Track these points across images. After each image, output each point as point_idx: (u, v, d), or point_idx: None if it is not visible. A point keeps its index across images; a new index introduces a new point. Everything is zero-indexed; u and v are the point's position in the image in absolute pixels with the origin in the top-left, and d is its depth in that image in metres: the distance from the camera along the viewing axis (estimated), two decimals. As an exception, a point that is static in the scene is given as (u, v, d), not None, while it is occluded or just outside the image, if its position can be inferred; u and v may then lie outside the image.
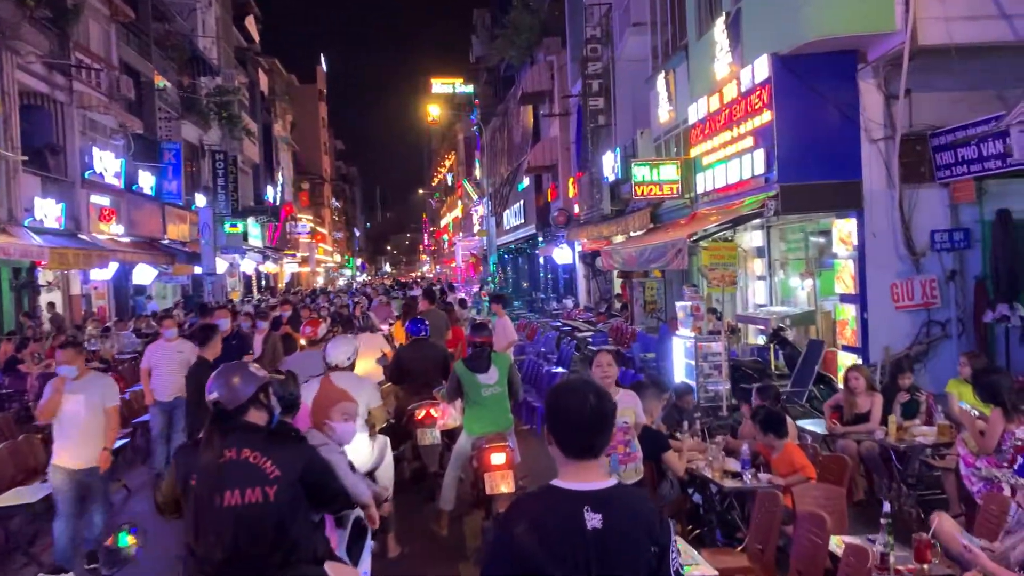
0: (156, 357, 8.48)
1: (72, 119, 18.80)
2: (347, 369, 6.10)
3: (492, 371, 6.47)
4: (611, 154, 16.98)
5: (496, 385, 6.47)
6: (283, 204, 48.80)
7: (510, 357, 7.01)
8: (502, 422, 6.50)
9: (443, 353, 8.47)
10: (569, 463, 2.21)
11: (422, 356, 8.13)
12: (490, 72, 42.45)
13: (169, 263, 24.32)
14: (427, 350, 8.27)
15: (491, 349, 6.72)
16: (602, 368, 5.21)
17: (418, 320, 8.58)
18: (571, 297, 26.48)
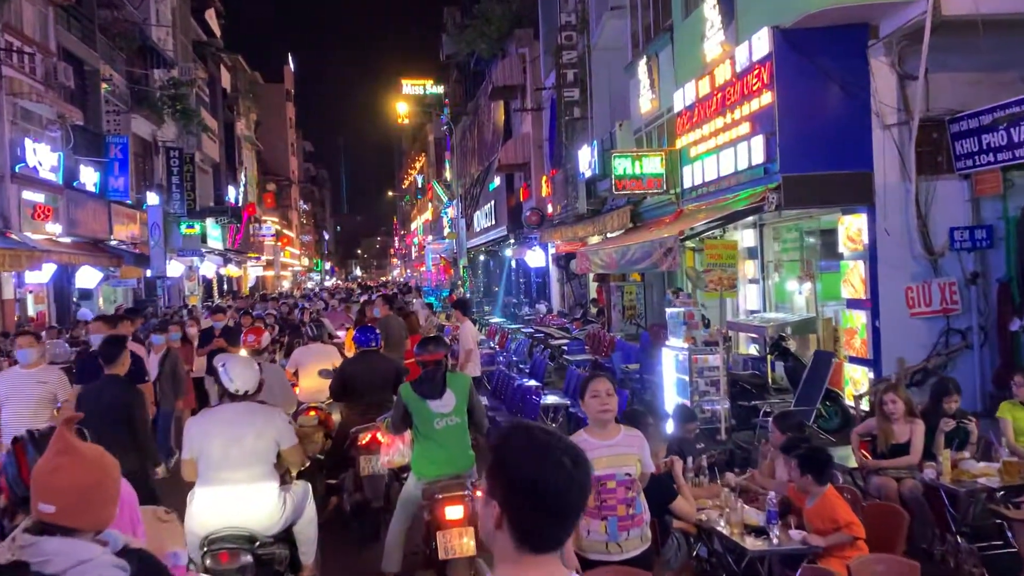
0: (3, 390, 6.24)
1: (1, 107, 17.17)
2: (253, 397, 4.84)
3: (447, 396, 5.19)
4: (587, 148, 15.82)
5: (453, 414, 5.18)
6: (246, 205, 47.06)
7: (469, 379, 5.66)
8: (460, 462, 5.21)
9: (395, 368, 7.24)
10: (523, 558, 1.58)
11: (370, 370, 6.95)
12: (460, 69, 41.19)
13: (116, 265, 22.69)
14: (376, 363, 7.07)
15: (446, 368, 5.43)
16: (600, 399, 3.95)
17: (367, 328, 7.33)
18: (544, 302, 25.30)
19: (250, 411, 4.68)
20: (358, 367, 7.07)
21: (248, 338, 7.27)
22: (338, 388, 7.08)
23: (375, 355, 7.23)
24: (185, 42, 34.81)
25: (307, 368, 8.31)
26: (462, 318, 9.71)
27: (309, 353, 8.53)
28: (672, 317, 8.42)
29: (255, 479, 4.51)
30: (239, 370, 4.78)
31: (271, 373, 6.70)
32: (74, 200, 20.32)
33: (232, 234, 41.82)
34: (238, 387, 4.72)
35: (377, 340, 7.28)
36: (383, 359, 7.32)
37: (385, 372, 7.05)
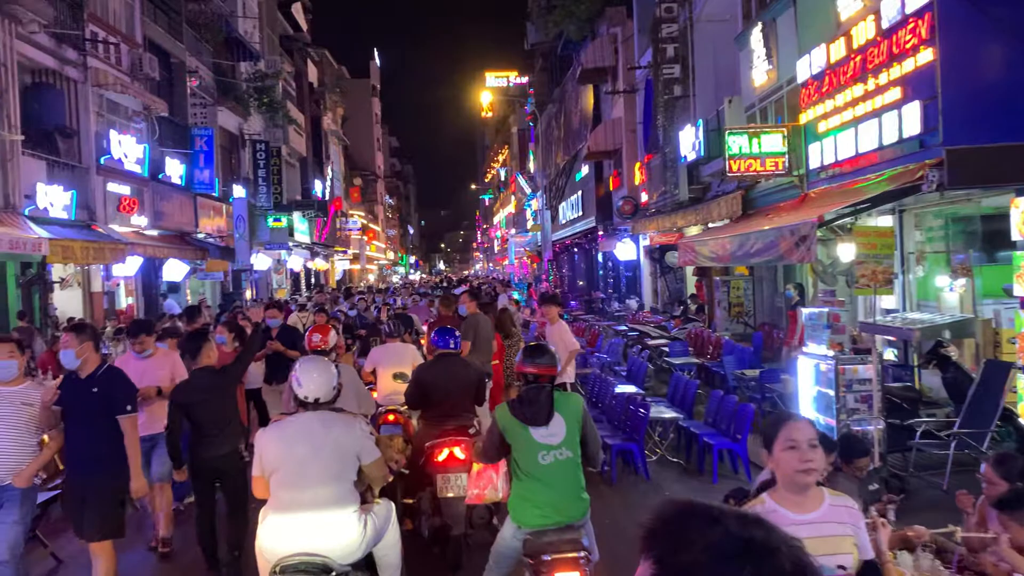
0: None
1: (87, 99, 17.03)
2: (328, 405, 4.10)
3: (556, 424, 4.06)
4: (690, 129, 14.40)
5: (563, 446, 4.04)
6: (332, 199, 47.23)
7: (582, 401, 4.40)
8: (572, 508, 4.05)
9: (477, 375, 6.28)
10: None
11: (448, 377, 6.04)
12: (545, 57, 40.02)
13: (201, 258, 22.56)
14: (456, 370, 6.14)
15: (552, 386, 4.27)
16: (800, 452, 2.63)
17: (446, 330, 6.32)
18: (635, 297, 23.88)
19: (326, 421, 4.03)
20: (435, 373, 6.13)
21: (313, 338, 6.36)
22: (413, 396, 6.18)
23: (455, 360, 6.25)
24: (272, 36, 34.82)
25: (384, 369, 7.47)
26: (553, 314, 8.55)
27: (386, 353, 7.69)
28: (811, 319, 7.04)
29: (333, 499, 3.92)
30: (310, 374, 4.08)
31: (346, 376, 5.78)
32: (159, 192, 20.20)
33: (319, 228, 41.92)
34: (307, 394, 4.03)
35: (457, 343, 6.30)
36: (463, 365, 6.33)
37: (465, 380, 6.11)
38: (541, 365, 4.21)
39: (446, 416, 5.97)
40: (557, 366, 4.37)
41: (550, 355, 4.34)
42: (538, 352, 4.34)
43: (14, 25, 14.18)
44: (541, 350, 4.38)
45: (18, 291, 15.76)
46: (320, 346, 6.29)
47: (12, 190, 14.00)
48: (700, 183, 15.32)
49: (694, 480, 7.89)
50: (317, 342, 6.32)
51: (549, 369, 4.24)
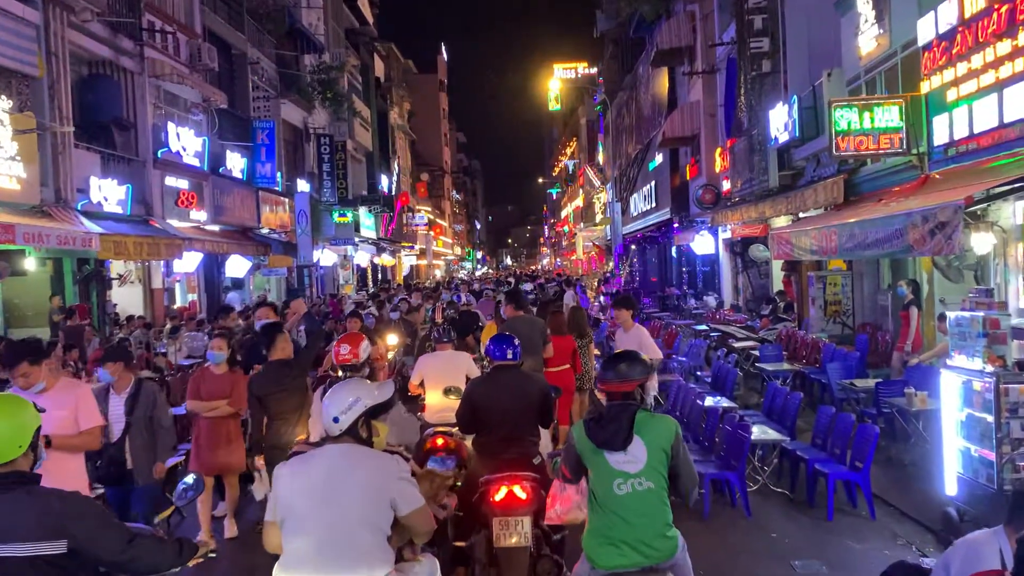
0: None
1: (144, 90, 16.58)
2: (350, 437, 3.22)
3: (636, 448, 3.47)
4: (781, 108, 12.91)
5: (643, 475, 3.46)
6: (399, 194, 46.82)
7: (674, 425, 3.60)
8: (655, 547, 3.45)
9: (541, 392, 5.13)
10: None
11: (507, 394, 4.99)
12: (616, 44, 38.55)
13: (263, 254, 22.11)
14: (516, 385, 5.04)
15: (638, 405, 3.57)
16: None
17: (503, 338, 5.21)
18: (713, 294, 22.35)
19: (351, 456, 3.17)
20: (490, 390, 5.06)
21: (340, 350, 5.17)
22: (465, 418, 5.13)
23: (515, 374, 5.15)
24: (337, 28, 34.38)
25: (434, 380, 6.43)
26: (625, 319, 7.36)
27: (436, 362, 6.64)
28: (960, 324, 5.66)
29: (354, 558, 3.06)
30: (335, 395, 3.22)
31: None
32: (220, 187, 19.73)
33: (385, 223, 41.49)
34: (328, 421, 3.19)
35: (517, 353, 5.16)
36: (526, 379, 5.21)
37: (528, 398, 5.01)
38: (620, 378, 3.58)
39: (505, 443, 4.90)
40: (640, 378, 3.63)
41: (641, 364, 3.65)
42: (622, 361, 3.66)
43: (67, 14, 13.72)
44: (629, 360, 3.67)
45: (75, 288, 15.42)
46: (349, 359, 5.15)
47: (64, 184, 13.55)
48: (792, 168, 13.81)
49: (804, 515, 6.59)
50: (345, 355, 5.15)
51: (626, 383, 3.59)
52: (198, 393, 6.36)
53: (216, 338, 6.69)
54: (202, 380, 6.43)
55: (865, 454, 6.34)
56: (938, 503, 6.08)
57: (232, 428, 6.37)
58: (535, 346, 7.72)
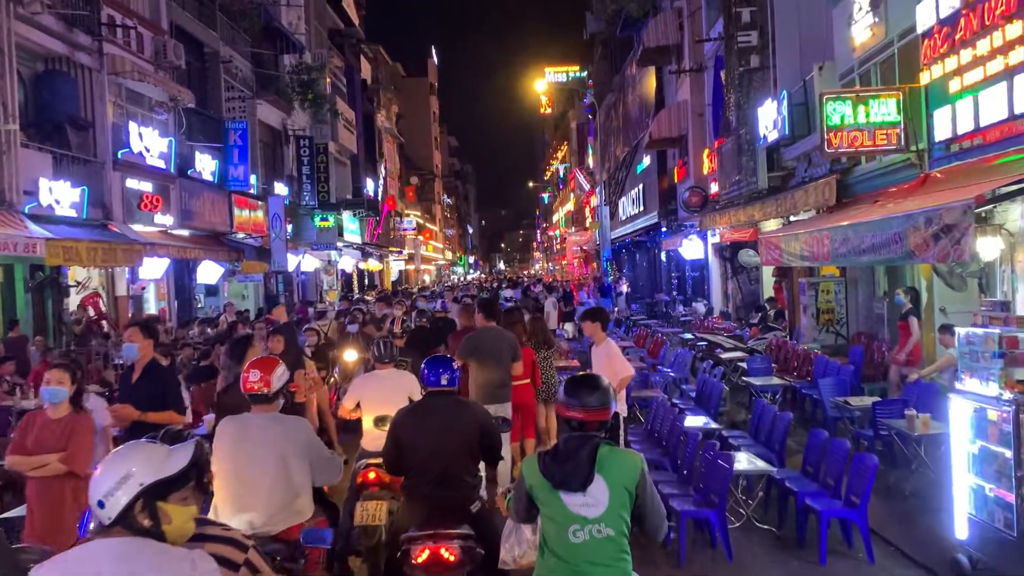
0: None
1: (103, 88, 15.75)
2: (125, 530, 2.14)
3: (596, 489, 3.01)
4: (770, 105, 12.19)
5: (602, 521, 3.00)
6: (385, 198, 46.01)
7: (639, 462, 3.10)
8: None
9: (479, 424, 4.34)
10: None
11: (440, 428, 4.23)
12: (604, 45, 37.96)
13: (236, 260, 21.27)
14: (450, 415, 4.27)
15: (601, 438, 3.10)
16: None
17: (439, 360, 4.43)
18: (702, 300, 21.64)
19: (129, 560, 2.09)
20: (420, 423, 4.27)
21: (249, 377, 4.15)
22: (391, 457, 4.34)
23: (450, 402, 4.37)
24: (320, 29, 33.60)
25: (371, 405, 5.58)
26: (594, 331, 6.60)
27: (375, 382, 5.78)
28: (971, 342, 4.88)
29: None
30: (101, 469, 2.25)
31: (293, 434, 4.03)
32: (188, 189, 18.88)
33: (371, 228, 40.68)
34: (92, 504, 2.16)
35: (455, 377, 4.39)
36: (462, 409, 4.42)
37: (464, 431, 4.25)
38: (589, 408, 3.07)
39: (437, 486, 4.13)
40: (611, 406, 3.14)
41: (602, 392, 3.13)
42: (585, 387, 3.14)
43: (13, 5, 12.90)
44: (590, 384, 3.17)
45: (27, 296, 14.59)
46: (258, 388, 4.13)
47: (9, 186, 12.70)
48: (782, 168, 13.10)
49: (793, 558, 5.81)
50: (254, 382, 4.14)
51: (599, 413, 3.09)
52: (23, 444, 4.73)
53: (55, 368, 4.87)
54: (30, 426, 4.78)
55: (862, 488, 5.58)
56: (945, 545, 5.32)
57: (68, 494, 4.62)
58: (501, 360, 7.09)
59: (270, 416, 4.05)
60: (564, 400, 3.12)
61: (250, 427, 4.00)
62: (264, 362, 4.33)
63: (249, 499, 3.86)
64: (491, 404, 6.91)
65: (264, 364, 4.28)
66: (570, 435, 3.08)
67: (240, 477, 3.89)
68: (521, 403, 7.80)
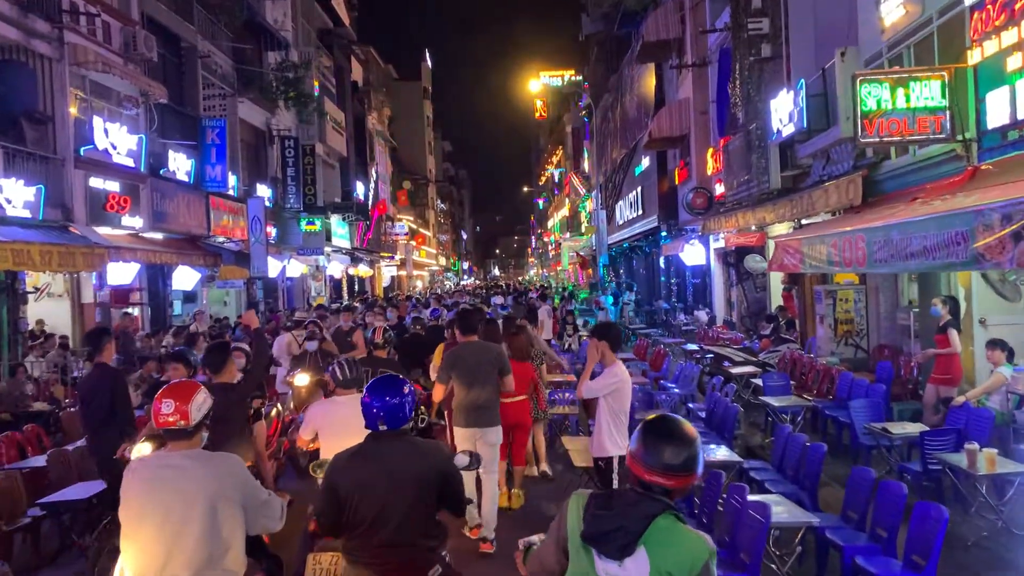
0: None
1: (63, 79, 14.64)
2: None
3: (636, 563, 2.30)
4: (786, 96, 11.15)
5: None
6: (376, 203, 44.93)
7: (706, 550, 2.32)
8: None
9: (439, 467, 3.48)
10: None
11: (387, 477, 3.34)
12: (601, 46, 37.00)
13: (213, 265, 20.15)
14: (401, 460, 3.40)
15: (665, 506, 2.36)
16: None
17: (382, 386, 3.44)
18: (705, 309, 20.59)
19: None
20: (363, 471, 3.36)
21: (160, 409, 3.28)
22: (328, 513, 3.41)
23: (400, 445, 3.41)
24: (308, 27, 32.55)
25: (331, 436, 4.65)
26: (610, 355, 5.53)
27: (335, 409, 4.82)
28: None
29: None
30: None
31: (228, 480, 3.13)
32: (161, 190, 17.75)
33: (361, 232, 39.59)
34: None
35: (399, 416, 3.41)
36: (416, 453, 3.44)
37: (419, 480, 3.36)
38: (675, 472, 2.36)
39: (387, 548, 3.24)
40: (697, 470, 2.42)
41: (692, 447, 2.40)
42: (670, 442, 2.39)
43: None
44: (675, 436, 2.40)
45: (-22, 303, 13.48)
46: (175, 422, 3.30)
47: (-50, 183, 11.61)
48: (796, 167, 12.07)
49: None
50: (168, 415, 3.29)
51: (687, 478, 2.39)
52: None
53: None
54: None
55: (929, 546, 4.50)
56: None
57: None
58: (484, 379, 6.29)
59: (191, 455, 3.31)
60: (642, 456, 2.39)
61: (166, 470, 3.26)
62: (179, 389, 3.42)
63: (166, 559, 3.15)
64: (475, 427, 6.24)
65: (179, 391, 3.38)
66: (633, 488, 2.44)
67: (155, 532, 3.16)
68: (513, 423, 6.98)
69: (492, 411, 6.33)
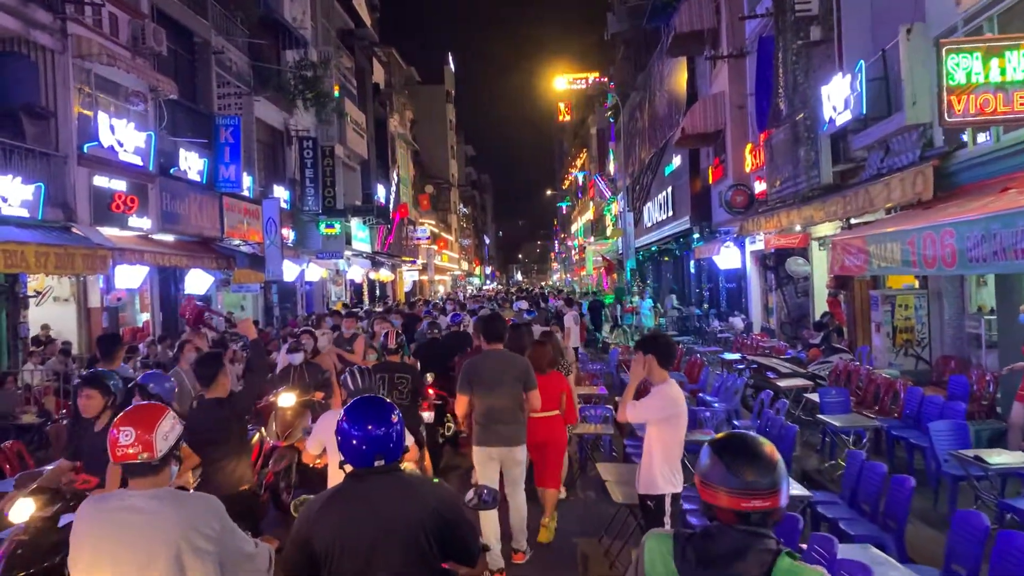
0: None
1: (66, 72, 13.95)
2: None
3: None
4: (841, 80, 10.09)
5: None
6: (397, 206, 44.23)
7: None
8: None
9: (437, 511, 2.74)
10: None
11: (370, 527, 2.67)
12: (628, 44, 36.04)
13: (226, 268, 19.42)
14: (385, 507, 2.70)
15: (777, 549, 1.91)
16: None
17: (366, 411, 2.80)
18: (740, 315, 19.50)
19: None
20: (342, 518, 2.72)
21: (120, 438, 2.62)
22: (296, 568, 2.75)
23: (389, 482, 2.76)
24: (328, 27, 31.88)
25: (338, 454, 3.80)
26: (660, 371, 4.56)
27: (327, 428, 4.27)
28: None
29: None
30: None
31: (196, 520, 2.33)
32: (171, 190, 17.05)
33: (382, 236, 38.88)
34: None
35: (395, 449, 2.77)
36: (409, 491, 2.77)
37: (412, 527, 2.70)
38: (770, 492, 1.97)
39: None
40: (783, 487, 1.99)
41: (778, 468, 1.99)
42: (751, 460, 1.99)
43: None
44: (762, 455, 2.00)
45: (-26, 307, 12.81)
46: (136, 455, 2.64)
47: (-62, 179, 10.91)
48: (849, 160, 11.02)
49: None
50: (127, 446, 2.64)
51: (778, 499, 1.97)
52: None
53: None
54: None
55: None
56: None
57: None
58: (507, 392, 5.66)
59: (158, 495, 2.68)
60: (728, 481, 1.98)
61: (125, 514, 2.63)
62: (140, 413, 2.76)
63: None
64: (498, 447, 5.65)
65: (140, 416, 2.73)
66: (728, 527, 2.01)
67: None
68: (543, 441, 6.20)
69: (517, 428, 5.69)
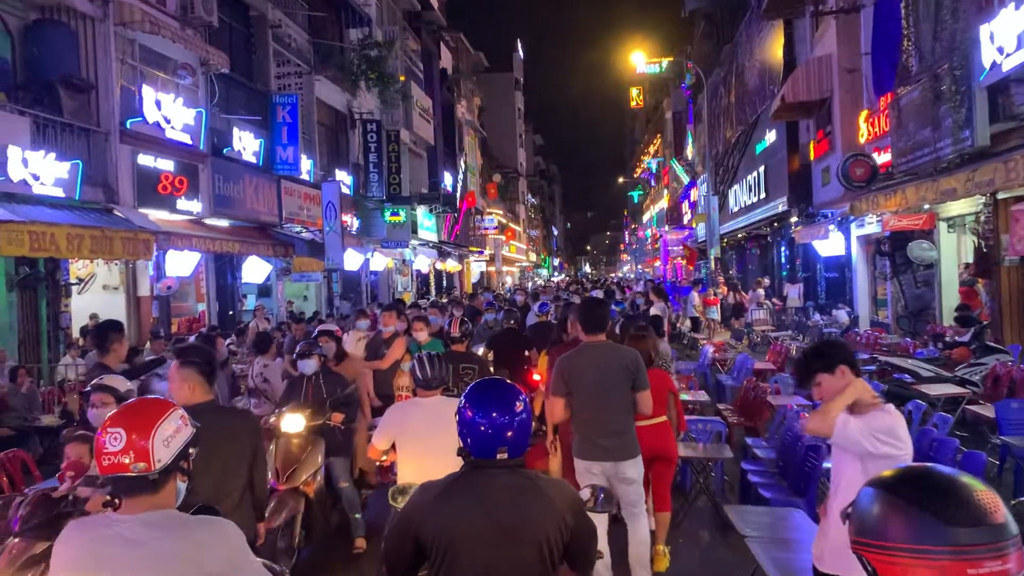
0: None
1: (107, 41, 12.94)
2: None
3: None
4: (1010, 14, 8.04)
5: None
6: (465, 194, 42.99)
7: None
8: None
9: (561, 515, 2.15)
10: None
11: (493, 530, 2.20)
12: (708, 19, 33.80)
13: (283, 255, 18.36)
14: (508, 509, 2.21)
15: None
16: None
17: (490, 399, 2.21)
18: (844, 307, 17.34)
19: None
20: (460, 519, 2.19)
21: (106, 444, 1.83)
22: (400, 570, 2.33)
23: (511, 480, 2.21)
24: (394, 7, 30.71)
25: (412, 447, 3.73)
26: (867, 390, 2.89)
27: (420, 414, 3.82)
28: None
29: None
30: None
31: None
32: (223, 171, 15.98)
33: (448, 225, 37.69)
34: None
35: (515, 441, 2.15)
36: (533, 492, 2.16)
37: (538, 532, 2.18)
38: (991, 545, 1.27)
39: None
40: None
41: (990, 505, 1.28)
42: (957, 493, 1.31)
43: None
44: (985, 496, 1.30)
45: (12, 294, 11.89)
46: (129, 467, 1.89)
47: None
48: (1011, 117, 8.93)
49: None
50: (114, 453, 1.88)
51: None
52: None
53: None
54: None
55: None
56: None
57: None
58: (615, 392, 4.65)
59: (155, 520, 1.97)
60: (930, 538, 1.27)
61: (112, 545, 1.93)
62: (136, 411, 1.99)
63: None
64: (601, 461, 4.65)
65: (135, 415, 1.97)
66: None
67: None
68: (652, 454, 5.12)
69: (628, 438, 4.71)
